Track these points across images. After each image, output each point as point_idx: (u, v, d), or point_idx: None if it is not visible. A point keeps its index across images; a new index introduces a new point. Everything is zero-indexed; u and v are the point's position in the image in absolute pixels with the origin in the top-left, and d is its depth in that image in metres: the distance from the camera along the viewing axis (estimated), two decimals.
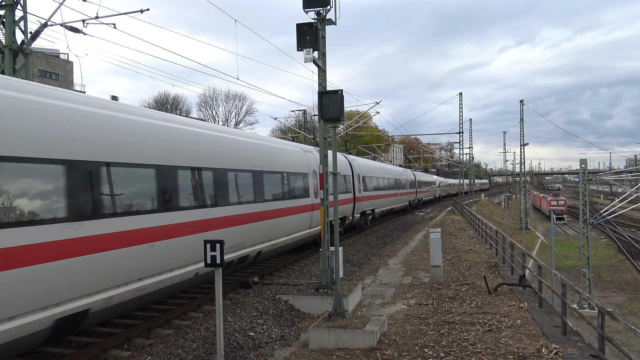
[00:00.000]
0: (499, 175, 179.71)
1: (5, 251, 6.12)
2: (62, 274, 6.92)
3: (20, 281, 6.31)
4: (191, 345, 8.70)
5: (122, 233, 8.03)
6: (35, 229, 6.57)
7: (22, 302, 6.39)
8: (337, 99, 10.23)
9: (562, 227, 67.28)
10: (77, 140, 7.44)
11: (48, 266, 6.68)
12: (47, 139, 6.94)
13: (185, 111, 72.89)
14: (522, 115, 60.08)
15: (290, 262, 16.82)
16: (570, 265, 39.29)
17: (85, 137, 7.62)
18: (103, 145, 7.93)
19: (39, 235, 6.61)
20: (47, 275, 6.67)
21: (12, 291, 6.20)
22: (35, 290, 6.53)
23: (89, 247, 7.38)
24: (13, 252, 6.21)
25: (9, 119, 6.46)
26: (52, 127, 7.09)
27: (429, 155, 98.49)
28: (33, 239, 6.51)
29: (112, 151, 8.07)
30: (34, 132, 6.76)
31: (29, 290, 6.45)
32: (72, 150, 7.30)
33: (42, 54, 58.73)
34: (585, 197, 31.11)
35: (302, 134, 47.34)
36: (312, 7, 11.13)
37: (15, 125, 6.52)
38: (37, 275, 6.52)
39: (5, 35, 13.88)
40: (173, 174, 9.52)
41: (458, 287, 14.01)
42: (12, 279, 6.18)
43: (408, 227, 33.44)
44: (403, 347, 9.03)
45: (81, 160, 7.42)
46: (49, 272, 6.70)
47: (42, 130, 6.90)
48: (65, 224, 7.03)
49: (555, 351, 8.34)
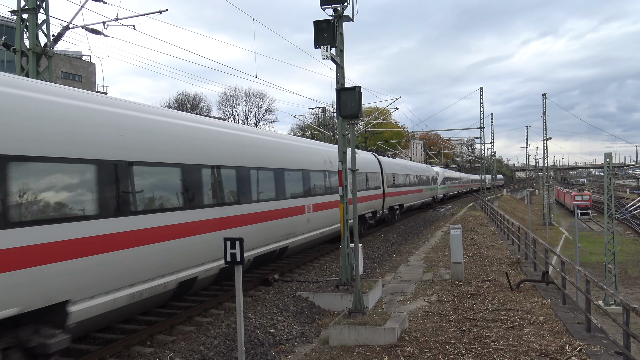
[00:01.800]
0: (521, 170, 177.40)
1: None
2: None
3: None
4: (212, 342, 8.79)
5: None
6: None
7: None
8: (355, 96, 10.20)
9: (586, 222, 66.13)
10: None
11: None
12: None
13: (206, 110, 73.56)
14: (544, 109, 59.22)
15: (310, 260, 16.85)
16: (595, 261, 38.58)
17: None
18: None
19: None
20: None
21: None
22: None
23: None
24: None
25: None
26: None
27: (450, 151, 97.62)
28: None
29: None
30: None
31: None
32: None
33: (66, 56, 59.78)
34: (610, 192, 30.53)
35: (321, 132, 47.36)
36: (330, 4, 11.12)
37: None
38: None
39: (29, 39, 14.15)
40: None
41: (479, 284, 13.88)
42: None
43: (429, 223, 33.23)
44: (424, 344, 8.99)
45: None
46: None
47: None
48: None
49: (580, 348, 8.21)
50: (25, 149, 6.41)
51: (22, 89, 6.78)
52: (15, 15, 14.21)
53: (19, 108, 6.51)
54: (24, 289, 6.14)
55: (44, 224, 6.51)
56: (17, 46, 14.09)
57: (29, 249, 6.21)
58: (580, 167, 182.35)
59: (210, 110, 74.32)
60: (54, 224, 6.65)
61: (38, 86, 7.18)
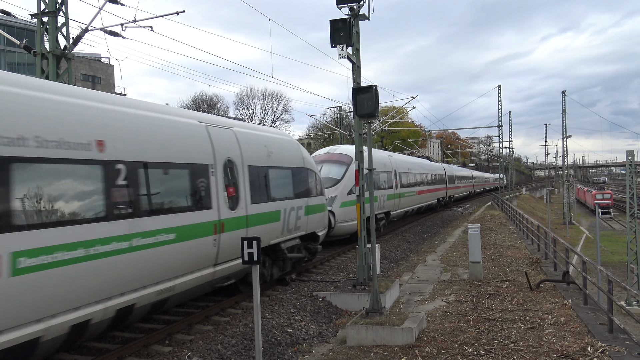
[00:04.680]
0: (540, 168, 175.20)
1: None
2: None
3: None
4: (230, 341, 8.82)
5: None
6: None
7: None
8: (372, 95, 10.16)
9: (608, 221, 65.09)
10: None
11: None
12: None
13: (223, 110, 73.98)
14: (564, 106, 58.43)
15: (327, 259, 16.84)
16: (617, 260, 37.91)
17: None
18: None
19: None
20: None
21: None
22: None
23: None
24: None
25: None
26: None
27: (467, 149, 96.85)
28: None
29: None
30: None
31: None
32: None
33: (85, 59, 60.60)
34: (632, 190, 29.97)
35: (337, 131, 47.32)
36: (345, 3, 11.10)
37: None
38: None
39: (49, 41, 14.36)
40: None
41: (498, 284, 13.73)
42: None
43: (446, 223, 32.99)
44: (442, 344, 8.91)
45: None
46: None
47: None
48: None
49: (602, 349, 8.07)
50: None
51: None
52: (35, 19, 14.42)
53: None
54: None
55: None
56: (38, 49, 14.31)
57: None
58: (601, 165, 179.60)
59: (227, 111, 74.76)
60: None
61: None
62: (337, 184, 18.63)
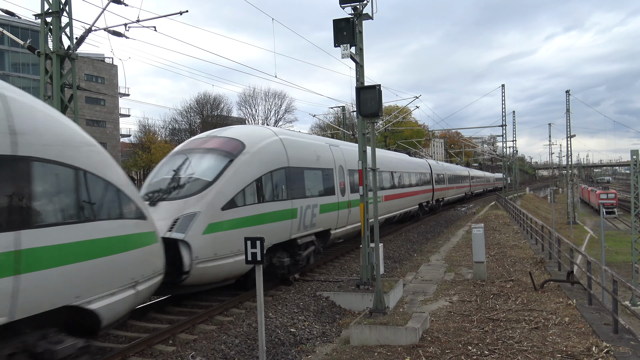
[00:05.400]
0: (544, 168, 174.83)
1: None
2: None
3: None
4: (234, 341, 8.82)
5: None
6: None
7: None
8: (375, 94, 10.13)
9: (612, 221, 64.82)
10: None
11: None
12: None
13: (227, 110, 74.01)
14: (568, 106, 58.14)
15: (331, 259, 16.83)
16: (621, 260, 37.76)
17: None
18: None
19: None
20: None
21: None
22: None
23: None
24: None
25: None
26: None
27: (471, 149, 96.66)
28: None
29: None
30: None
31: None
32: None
33: (88, 59, 60.71)
34: (637, 190, 29.83)
35: (341, 131, 47.27)
36: (349, 3, 11.06)
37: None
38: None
39: (53, 42, 14.39)
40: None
41: (502, 284, 13.68)
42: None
43: (450, 222, 32.93)
44: (446, 344, 8.89)
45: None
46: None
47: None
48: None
49: (607, 350, 8.03)
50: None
51: None
52: (39, 19, 14.46)
53: None
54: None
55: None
56: (41, 49, 14.35)
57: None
58: (605, 164, 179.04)
59: (230, 111, 74.81)
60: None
61: None
62: (204, 189, 10.57)
